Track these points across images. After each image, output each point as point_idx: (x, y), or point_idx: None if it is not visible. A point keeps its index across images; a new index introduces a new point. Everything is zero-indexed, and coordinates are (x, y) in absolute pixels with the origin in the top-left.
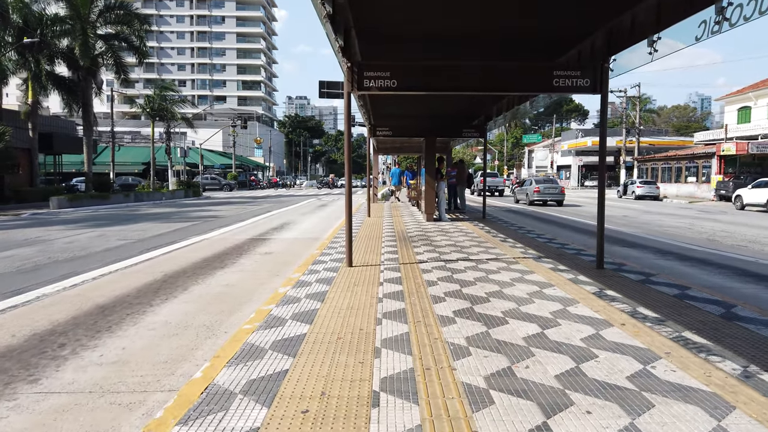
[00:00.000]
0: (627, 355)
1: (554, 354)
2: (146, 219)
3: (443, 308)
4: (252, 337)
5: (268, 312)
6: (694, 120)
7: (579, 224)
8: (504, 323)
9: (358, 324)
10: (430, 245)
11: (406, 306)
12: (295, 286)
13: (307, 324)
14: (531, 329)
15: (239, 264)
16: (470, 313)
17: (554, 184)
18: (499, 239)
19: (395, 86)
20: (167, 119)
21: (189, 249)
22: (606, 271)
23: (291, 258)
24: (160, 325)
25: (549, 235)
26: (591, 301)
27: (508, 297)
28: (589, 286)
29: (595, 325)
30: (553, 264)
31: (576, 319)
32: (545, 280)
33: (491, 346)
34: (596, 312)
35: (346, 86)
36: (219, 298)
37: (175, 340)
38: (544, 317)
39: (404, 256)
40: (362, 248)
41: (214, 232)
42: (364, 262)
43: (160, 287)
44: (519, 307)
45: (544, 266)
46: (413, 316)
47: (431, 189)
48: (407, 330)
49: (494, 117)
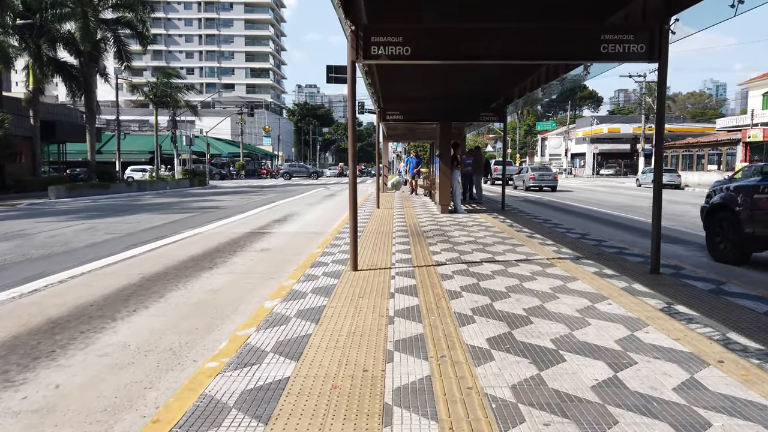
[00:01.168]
0: (753, 420)
1: (644, 419)
2: (144, 210)
3: (473, 334)
4: (214, 384)
5: (245, 340)
6: (710, 107)
7: (608, 216)
8: (558, 359)
9: (362, 361)
10: (448, 242)
11: (424, 330)
12: (286, 298)
13: (294, 361)
14: (598, 371)
15: (231, 263)
16: (510, 341)
17: (548, 172)
18: (524, 234)
19: (409, 54)
20: (172, 107)
21: (180, 244)
22: (663, 277)
23: (290, 256)
24: (116, 348)
25: (579, 229)
26: (663, 323)
27: (554, 316)
28: (651, 299)
29: (684, 363)
30: (597, 267)
31: (655, 353)
32: (594, 289)
33: (551, 402)
34: (677, 340)
35: (349, 54)
36: (198, 309)
37: (128, 372)
38: (611, 349)
39: (419, 257)
40: (370, 246)
41: (211, 225)
42: (371, 264)
43: (133, 294)
44: (572, 332)
45: (586, 270)
46: (435, 348)
47: (446, 178)
48: (428, 372)
49: (515, 99)
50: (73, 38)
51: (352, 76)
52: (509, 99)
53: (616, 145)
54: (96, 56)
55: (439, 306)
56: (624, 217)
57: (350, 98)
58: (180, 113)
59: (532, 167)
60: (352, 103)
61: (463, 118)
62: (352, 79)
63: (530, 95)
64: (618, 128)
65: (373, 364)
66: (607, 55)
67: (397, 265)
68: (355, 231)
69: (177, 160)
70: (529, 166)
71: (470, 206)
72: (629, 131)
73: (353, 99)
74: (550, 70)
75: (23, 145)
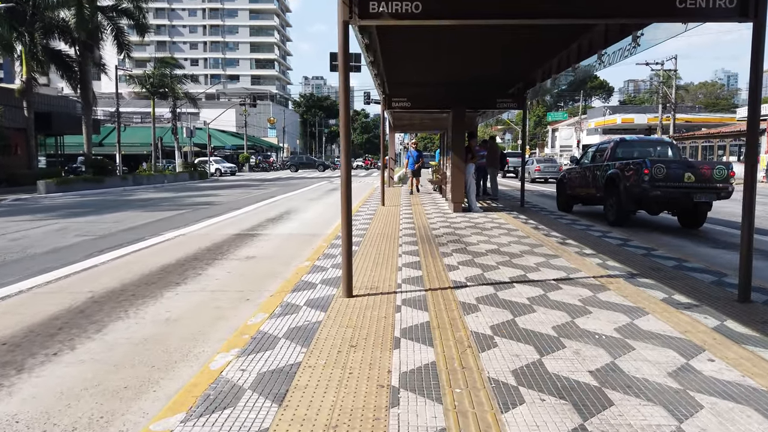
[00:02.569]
0: None
1: None
2: (132, 206)
3: (528, 423)
4: None
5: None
6: (722, 96)
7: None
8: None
9: None
10: (466, 252)
11: (446, 420)
12: (247, 349)
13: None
14: None
15: (205, 277)
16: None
17: (553, 164)
18: (555, 240)
19: (419, 12)
20: (172, 97)
21: (154, 250)
22: (758, 306)
23: (276, 267)
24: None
25: (614, 231)
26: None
27: (640, 387)
28: (765, 349)
29: None
30: (662, 290)
31: None
32: (679, 333)
33: None
34: None
35: (340, 13)
36: (139, 352)
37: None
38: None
39: (431, 274)
40: (371, 256)
41: (199, 225)
42: (371, 285)
43: (66, 325)
44: (682, 424)
45: (651, 296)
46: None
47: (459, 172)
48: None
49: (538, 83)
50: (67, 26)
51: (344, 42)
52: (530, 83)
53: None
54: (91, 45)
55: (465, 364)
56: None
57: (342, 70)
58: (180, 105)
59: (537, 159)
60: (344, 77)
61: (479, 105)
62: (344, 47)
63: (543, 85)
64: (632, 118)
65: None
66: (685, 12)
67: (403, 287)
68: (349, 246)
69: (178, 152)
70: (534, 158)
71: (485, 203)
72: (643, 121)
73: (346, 72)
74: (582, 47)
75: (17, 137)
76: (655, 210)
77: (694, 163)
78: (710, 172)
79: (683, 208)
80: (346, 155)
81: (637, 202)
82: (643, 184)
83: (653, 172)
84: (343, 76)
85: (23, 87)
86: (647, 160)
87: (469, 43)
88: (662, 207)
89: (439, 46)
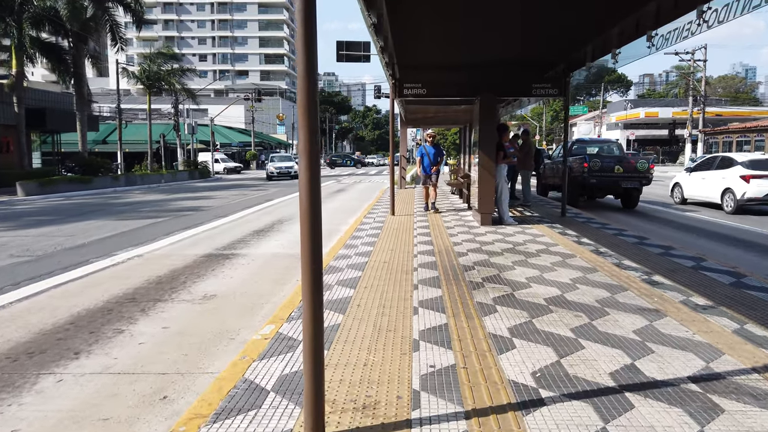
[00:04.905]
0: None
1: None
2: (108, 213)
3: None
4: None
5: None
6: (743, 90)
7: (712, 226)
8: None
9: None
10: (514, 301)
11: None
12: None
13: None
14: None
15: (123, 339)
16: None
17: None
18: (638, 276)
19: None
20: (173, 93)
21: (84, 283)
22: None
23: (231, 322)
24: None
25: (694, 248)
26: None
27: None
28: None
29: None
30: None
31: None
32: None
33: None
34: None
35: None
36: None
37: None
38: None
39: (471, 362)
40: (370, 314)
41: (165, 240)
42: (361, 399)
43: None
44: None
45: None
46: None
47: (489, 176)
48: None
49: (588, 61)
50: (59, 17)
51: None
52: (574, 63)
53: (651, 131)
54: (86, 37)
55: None
56: (741, 228)
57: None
58: (182, 100)
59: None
60: (304, 16)
61: (511, 92)
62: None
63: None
64: (656, 112)
65: None
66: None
67: (423, 405)
68: (316, 351)
69: (180, 150)
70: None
71: (515, 210)
72: (668, 115)
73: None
74: (661, 9)
75: (10, 135)
76: (596, 195)
77: (622, 157)
78: (635, 165)
79: (616, 193)
80: (307, 141)
81: (581, 188)
82: (583, 174)
83: (591, 165)
84: (303, 18)
85: (13, 81)
86: (586, 156)
87: (502, 20)
88: (600, 192)
89: (465, 20)
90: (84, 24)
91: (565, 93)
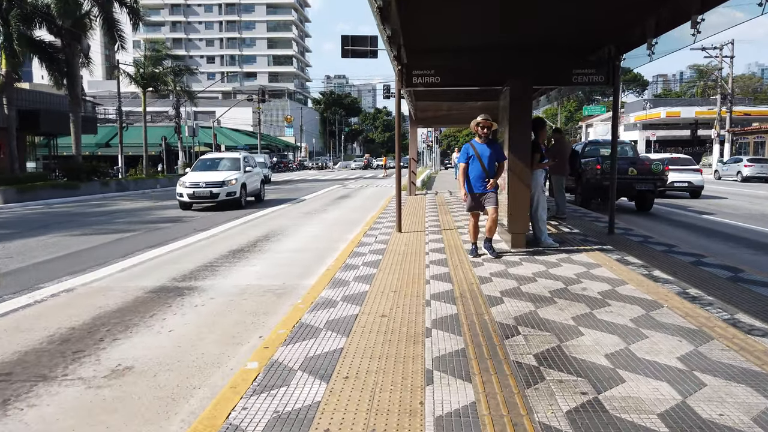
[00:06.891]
0: None
1: None
2: (73, 225)
3: None
4: None
5: None
6: (760, 90)
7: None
8: None
9: None
10: (602, 416)
11: None
12: None
13: None
14: None
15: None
16: None
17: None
18: None
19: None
20: (175, 93)
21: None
22: None
23: (137, 425)
24: None
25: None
26: None
27: None
28: None
29: None
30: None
31: None
32: None
33: None
34: None
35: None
36: None
37: None
38: None
39: None
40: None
41: (118, 264)
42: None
43: None
44: None
45: None
46: None
47: (522, 185)
48: None
49: (648, 38)
50: (50, 13)
51: None
52: (625, 45)
53: (672, 131)
54: (79, 35)
55: None
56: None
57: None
58: (183, 102)
59: None
60: None
61: (547, 80)
62: None
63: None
64: (678, 112)
65: None
66: None
67: None
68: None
69: (182, 153)
70: None
71: (549, 226)
72: (690, 115)
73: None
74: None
75: (2, 138)
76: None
77: (636, 159)
78: (649, 167)
79: (630, 195)
80: None
81: (595, 190)
82: (597, 176)
83: (604, 167)
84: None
85: (3, 82)
86: (599, 158)
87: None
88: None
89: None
90: (77, 21)
91: (614, 80)
